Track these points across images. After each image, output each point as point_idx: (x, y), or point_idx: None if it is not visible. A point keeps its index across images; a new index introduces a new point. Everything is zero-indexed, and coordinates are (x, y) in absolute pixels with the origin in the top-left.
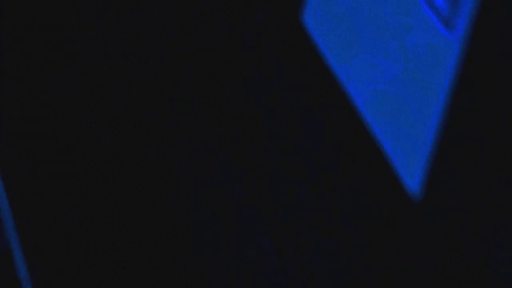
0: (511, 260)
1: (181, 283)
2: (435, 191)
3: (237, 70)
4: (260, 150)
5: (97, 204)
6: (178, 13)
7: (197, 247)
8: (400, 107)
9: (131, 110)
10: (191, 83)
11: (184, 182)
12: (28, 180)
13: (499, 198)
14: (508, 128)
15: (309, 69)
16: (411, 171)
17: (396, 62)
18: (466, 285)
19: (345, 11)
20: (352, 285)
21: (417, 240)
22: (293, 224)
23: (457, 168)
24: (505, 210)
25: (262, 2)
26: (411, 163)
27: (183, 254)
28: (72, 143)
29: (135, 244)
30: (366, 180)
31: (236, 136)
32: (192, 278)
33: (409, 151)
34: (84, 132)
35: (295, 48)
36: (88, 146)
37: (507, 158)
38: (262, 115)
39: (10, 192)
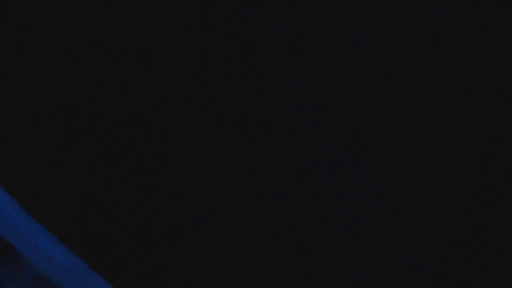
0: (510, 259)
1: (181, 283)
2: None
3: (237, 70)
4: (260, 150)
5: (97, 204)
6: (178, 13)
7: (197, 247)
8: None
9: (131, 110)
10: (191, 83)
11: (184, 182)
12: (28, 180)
13: (499, 198)
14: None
15: (309, 69)
16: None
17: None
18: (466, 284)
19: None
20: (352, 285)
21: (417, 240)
22: (293, 224)
23: (456, 170)
24: (505, 210)
25: (262, 1)
26: None
27: (183, 254)
28: (72, 143)
29: (135, 244)
30: (366, 180)
31: (236, 136)
32: (192, 278)
33: None
34: (84, 132)
35: (295, 48)
36: (88, 146)
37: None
38: (262, 115)
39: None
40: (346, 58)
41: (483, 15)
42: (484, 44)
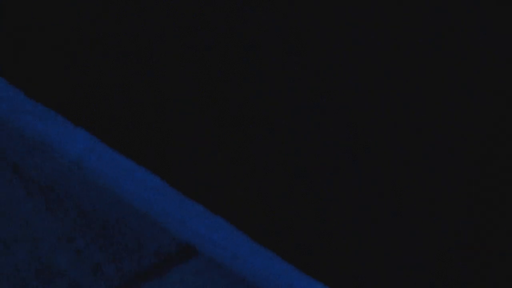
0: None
1: None
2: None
3: (237, 70)
4: (260, 150)
5: None
6: (178, 13)
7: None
8: None
9: (131, 110)
10: (191, 83)
11: (184, 182)
12: None
13: (498, 198)
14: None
15: (309, 69)
16: None
17: None
18: (466, 285)
19: None
20: (352, 285)
21: (417, 240)
22: (293, 224)
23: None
24: (505, 210)
25: (262, 1)
26: None
27: None
28: None
29: None
30: (366, 180)
31: (236, 136)
32: None
33: None
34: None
35: (295, 48)
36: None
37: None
38: (262, 115)
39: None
40: (346, 58)
41: (483, 15)
42: (484, 44)
